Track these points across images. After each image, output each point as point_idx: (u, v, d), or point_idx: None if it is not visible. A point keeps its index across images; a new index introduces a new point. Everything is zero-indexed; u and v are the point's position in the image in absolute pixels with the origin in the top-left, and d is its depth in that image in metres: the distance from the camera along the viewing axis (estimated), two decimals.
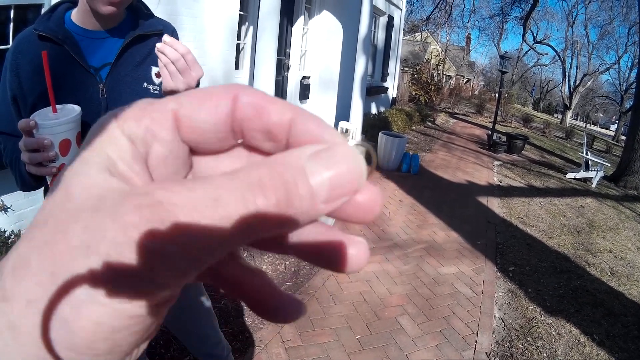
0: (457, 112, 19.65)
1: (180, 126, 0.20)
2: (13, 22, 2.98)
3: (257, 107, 0.20)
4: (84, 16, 1.22)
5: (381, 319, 3.19)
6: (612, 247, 5.61)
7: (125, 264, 0.16)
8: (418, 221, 5.28)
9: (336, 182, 0.18)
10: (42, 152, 1.00)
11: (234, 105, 0.20)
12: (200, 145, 0.21)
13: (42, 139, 0.98)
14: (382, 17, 10.95)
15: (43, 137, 0.98)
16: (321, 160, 0.19)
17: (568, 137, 19.11)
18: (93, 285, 0.16)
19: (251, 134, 0.21)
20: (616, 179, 10.10)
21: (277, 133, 0.20)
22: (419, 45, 28.61)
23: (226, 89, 0.21)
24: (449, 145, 10.89)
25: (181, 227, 0.17)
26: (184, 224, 0.17)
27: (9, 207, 2.93)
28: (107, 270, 0.16)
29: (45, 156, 1.00)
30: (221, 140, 0.21)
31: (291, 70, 7.04)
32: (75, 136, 1.05)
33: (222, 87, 0.21)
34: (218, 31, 4.95)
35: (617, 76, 34.34)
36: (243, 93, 0.20)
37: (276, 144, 0.21)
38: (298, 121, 0.20)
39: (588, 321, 3.64)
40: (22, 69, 1.18)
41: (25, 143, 1.00)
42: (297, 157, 0.19)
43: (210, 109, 0.20)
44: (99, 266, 0.16)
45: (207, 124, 0.20)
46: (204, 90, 0.21)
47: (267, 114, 0.20)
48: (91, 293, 0.16)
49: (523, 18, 24.44)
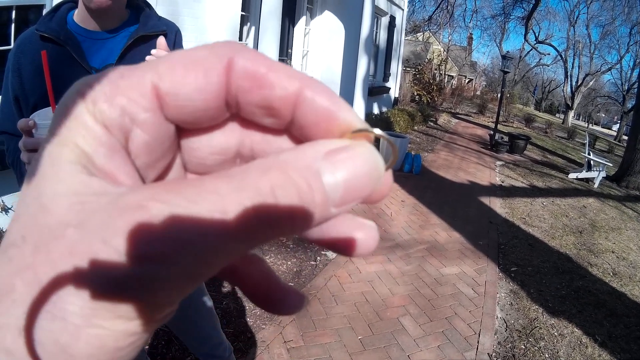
0: (459, 112, 19.63)
1: (163, 104, 0.17)
2: (15, 22, 2.99)
3: (256, 76, 0.17)
4: (85, 17, 1.22)
5: (383, 319, 3.18)
6: (615, 248, 5.60)
7: (121, 288, 0.15)
8: (420, 221, 5.28)
9: (351, 186, 0.17)
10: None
11: (228, 73, 0.17)
12: (187, 125, 0.18)
13: (41, 139, 0.98)
14: (384, 17, 10.95)
15: (42, 137, 0.98)
16: (338, 162, 0.16)
17: (570, 137, 19.08)
18: (87, 307, 0.15)
19: (249, 110, 0.18)
20: (618, 179, 10.08)
21: (280, 108, 0.18)
22: (420, 45, 28.63)
23: (216, 52, 0.17)
24: (451, 146, 10.87)
25: (183, 246, 0.15)
26: (187, 242, 0.14)
27: (9, 208, 2.93)
28: (103, 296, 0.15)
29: None
30: (212, 117, 0.18)
31: None
32: None
33: (211, 48, 0.17)
34: (220, 32, 4.96)
35: (619, 76, 34.34)
36: (239, 57, 0.17)
37: (278, 120, 0.18)
38: (306, 94, 0.18)
39: (590, 322, 3.63)
40: (24, 69, 1.18)
41: (25, 143, 0.99)
42: (312, 159, 0.16)
43: (199, 80, 0.17)
44: (93, 292, 0.15)
45: (195, 100, 0.17)
46: (188, 53, 0.17)
47: (269, 86, 0.17)
48: (86, 316, 0.15)
49: (525, 18, 24.42)
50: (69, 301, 0.15)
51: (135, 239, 0.14)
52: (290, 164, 0.16)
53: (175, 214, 0.14)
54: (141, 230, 0.14)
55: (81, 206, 0.15)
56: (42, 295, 0.15)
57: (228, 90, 0.17)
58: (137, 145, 0.18)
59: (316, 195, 0.16)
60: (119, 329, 0.15)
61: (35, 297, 0.15)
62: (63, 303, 0.15)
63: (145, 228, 0.14)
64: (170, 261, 0.14)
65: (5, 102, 1.24)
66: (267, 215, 0.15)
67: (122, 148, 0.17)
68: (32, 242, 0.15)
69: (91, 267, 0.14)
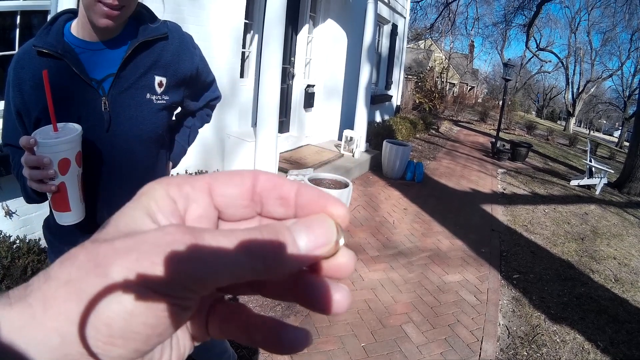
0: (460, 119, 19.65)
1: (213, 194, 0.27)
2: (19, 27, 3.01)
3: (273, 182, 0.27)
4: (84, 28, 1.19)
5: (386, 326, 3.20)
6: (616, 254, 5.60)
7: (156, 269, 0.21)
8: (422, 229, 5.29)
9: (313, 240, 0.25)
10: (42, 170, 1.02)
11: (255, 181, 0.27)
12: (227, 210, 0.28)
13: (42, 157, 1.00)
14: (386, 25, 11.00)
15: (43, 156, 1.00)
16: (301, 221, 0.25)
17: (571, 144, 19.07)
18: (126, 271, 0.21)
19: (268, 201, 0.27)
20: (620, 186, 10.07)
21: (288, 199, 0.27)
22: (422, 53, 28.69)
23: (249, 170, 0.28)
24: (453, 153, 10.90)
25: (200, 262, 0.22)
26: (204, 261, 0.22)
27: (14, 212, 2.94)
28: (143, 273, 0.21)
29: (44, 174, 1.02)
30: (244, 208, 0.28)
31: (296, 78, 7.08)
32: (75, 155, 1.06)
33: (246, 170, 0.28)
34: (224, 39, 5.00)
35: (620, 82, 34.27)
36: (263, 173, 0.27)
37: (287, 210, 0.27)
38: (302, 191, 0.27)
39: (592, 328, 3.64)
40: (25, 84, 1.17)
41: (26, 160, 1.01)
42: (286, 223, 0.25)
43: (237, 182, 0.27)
44: (137, 268, 0.21)
45: (234, 194, 0.27)
46: (232, 171, 0.28)
47: (281, 186, 0.27)
48: (123, 277, 0.21)
49: (526, 25, 24.44)
50: (116, 266, 0.21)
51: (174, 237, 0.22)
52: (276, 224, 0.25)
53: (197, 244, 0.22)
54: (178, 235, 0.22)
55: (140, 230, 0.24)
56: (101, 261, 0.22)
57: (254, 190, 0.27)
58: (191, 216, 0.26)
59: (287, 234, 0.24)
60: (149, 304, 0.22)
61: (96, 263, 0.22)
62: (111, 266, 0.22)
63: (182, 234, 0.23)
64: (194, 274, 0.22)
65: (8, 115, 1.24)
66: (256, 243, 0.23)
67: (180, 217, 0.26)
68: (102, 240, 0.23)
69: (140, 247, 0.22)
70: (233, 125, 5.56)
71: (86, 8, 1.13)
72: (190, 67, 1.38)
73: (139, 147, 1.30)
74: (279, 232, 0.24)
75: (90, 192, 1.19)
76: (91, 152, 1.19)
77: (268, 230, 0.24)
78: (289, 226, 0.25)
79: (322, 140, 7.79)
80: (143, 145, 1.31)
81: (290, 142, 6.86)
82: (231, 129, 5.51)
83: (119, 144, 1.26)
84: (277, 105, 4.90)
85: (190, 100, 1.49)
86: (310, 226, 0.25)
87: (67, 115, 1.13)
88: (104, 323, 0.21)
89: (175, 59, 1.33)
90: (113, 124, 1.24)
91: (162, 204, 0.25)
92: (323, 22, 7.42)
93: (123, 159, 1.28)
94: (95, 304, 0.21)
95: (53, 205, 1.11)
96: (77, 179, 1.09)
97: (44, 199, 1.20)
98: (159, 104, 1.30)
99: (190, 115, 1.59)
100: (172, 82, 1.32)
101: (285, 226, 0.25)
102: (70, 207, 1.10)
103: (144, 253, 0.22)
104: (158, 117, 1.32)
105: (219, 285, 0.23)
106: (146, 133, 1.30)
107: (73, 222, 1.13)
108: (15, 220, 2.98)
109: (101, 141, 1.23)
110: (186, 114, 1.58)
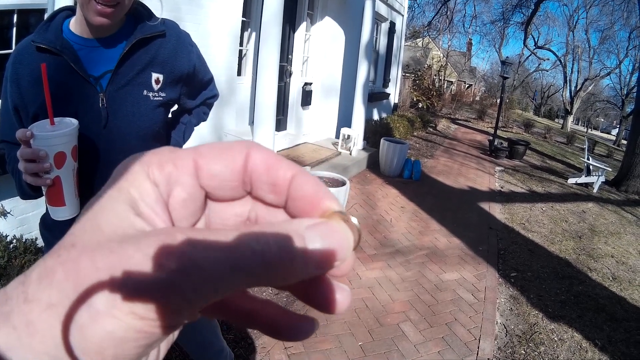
0: (458, 117, 19.66)
1: (199, 173, 0.24)
2: (16, 26, 3.00)
3: (267, 163, 0.24)
4: (82, 25, 1.21)
5: (383, 325, 3.19)
6: (614, 252, 5.61)
7: (142, 290, 0.19)
8: (420, 227, 5.29)
9: (327, 253, 0.21)
10: (37, 163, 1.02)
11: (247, 159, 0.24)
12: (215, 192, 0.25)
13: (38, 150, 1.00)
14: (384, 23, 10.98)
15: (39, 148, 1.00)
16: (316, 229, 0.22)
17: (569, 142, 19.11)
18: (111, 299, 0.19)
19: (259, 186, 0.24)
20: (617, 184, 10.10)
21: (280, 186, 0.24)
22: (420, 51, 28.70)
23: (241, 145, 0.24)
24: (451, 151, 10.90)
25: (194, 265, 0.19)
26: (197, 263, 0.19)
27: (9, 212, 2.93)
28: (126, 289, 0.19)
29: (40, 167, 1.02)
30: (233, 189, 0.25)
31: (293, 76, 7.07)
32: (71, 149, 1.06)
33: (237, 142, 0.24)
34: (221, 37, 4.99)
35: (618, 80, 34.37)
36: (256, 150, 0.24)
37: (278, 197, 0.24)
38: (298, 179, 0.24)
39: (590, 326, 3.64)
40: (23, 79, 1.18)
41: (22, 153, 1.01)
42: (299, 226, 0.22)
43: (227, 160, 0.24)
44: (119, 284, 0.19)
45: (223, 173, 0.24)
46: (221, 143, 0.24)
47: (275, 170, 0.24)
48: (109, 306, 0.19)
49: (524, 23, 24.51)
50: (100, 293, 0.19)
51: (161, 251, 0.19)
52: (283, 225, 0.21)
53: (193, 238, 0.20)
54: (166, 246, 0.19)
55: (124, 232, 0.21)
56: (80, 281, 0.19)
57: (246, 170, 0.24)
58: (176, 200, 0.24)
59: (297, 240, 0.21)
60: (131, 323, 0.19)
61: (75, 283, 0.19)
62: (94, 294, 0.19)
63: (169, 246, 0.19)
64: (185, 274, 0.19)
65: (4, 111, 1.25)
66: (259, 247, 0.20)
67: (163, 202, 0.23)
68: (81, 247, 0.20)
69: (124, 268, 0.19)
70: (230, 123, 5.55)
71: (81, 6, 1.14)
72: (187, 64, 1.40)
73: (135, 143, 1.31)
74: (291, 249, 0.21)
75: (86, 188, 1.18)
76: (88, 148, 1.20)
77: (278, 243, 0.20)
78: (302, 234, 0.21)
79: (320, 138, 7.78)
80: (140, 142, 1.32)
81: (288, 140, 6.85)
82: (229, 127, 5.50)
83: (116, 140, 1.27)
84: (274, 104, 4.89)
85: (187, 98, 1.51)
86: (328, 240, 0.21)
87: (64, 111, 1.13)
88: (95, 351, 0.20)
89: (172, 56, 1.34)
90: (110, 120, 1.25)
91: (144, 190, 0.23)
92: (321, 20, 7.41)
93: (120, 155, 1.27)
94: (83, 334, 0.19)
95: (48, 200, 1.10)
96: (73, 174, 1.09)
97: (39, 194, 1.19)
98: (155, 100, 1.31)
99: (186, 113, 1.59)
100: (169, 79, 1.34)
101: (299, 234, 0.21)
102: (65, 201, 1.10)
103: (127, 273, 0.19)
104: (155, 113, 1.33)
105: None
106: (143, 129, 1.31)
107: (67, 217, 1.12)
108: (12, 220, 2.97)
109: (98, 137, 1.25)
110: (183, 111, 1.58)
